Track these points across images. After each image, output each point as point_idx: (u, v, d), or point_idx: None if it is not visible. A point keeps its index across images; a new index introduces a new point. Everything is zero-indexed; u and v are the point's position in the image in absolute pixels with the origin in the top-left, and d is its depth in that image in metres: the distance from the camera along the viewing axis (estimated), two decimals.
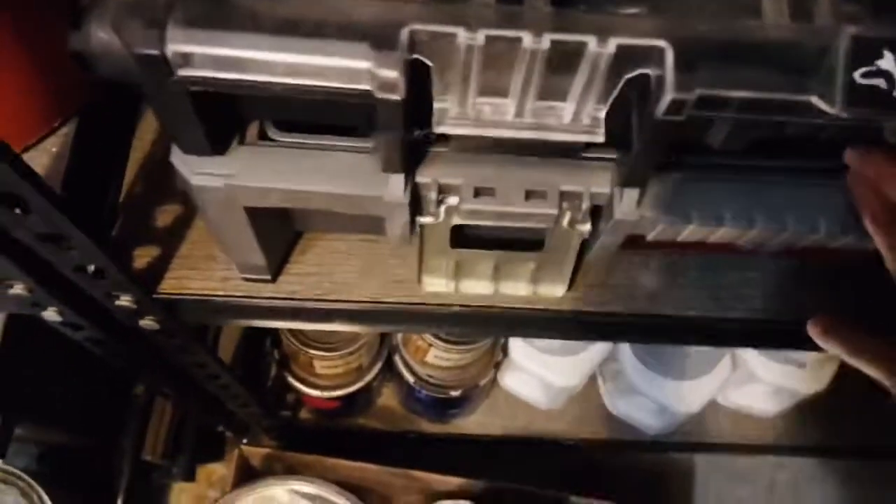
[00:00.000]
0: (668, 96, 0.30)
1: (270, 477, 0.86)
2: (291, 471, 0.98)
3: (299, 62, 0.31)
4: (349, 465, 0.93)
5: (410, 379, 0.92)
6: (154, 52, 0.30)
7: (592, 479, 1.11)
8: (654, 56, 0.31)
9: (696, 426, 1.12)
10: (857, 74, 0.30)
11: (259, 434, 1.05)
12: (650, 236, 0.40)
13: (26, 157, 0.51)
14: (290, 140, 0.39)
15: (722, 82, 0.30)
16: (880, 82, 0.30)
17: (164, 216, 0.52)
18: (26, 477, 0.78)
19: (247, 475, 0.99)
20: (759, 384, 1.02)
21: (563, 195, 0.39)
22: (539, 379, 1.00)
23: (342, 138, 0.39)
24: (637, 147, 0.35)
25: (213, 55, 0.31)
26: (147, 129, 0.55)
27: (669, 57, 0.30)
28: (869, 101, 0.30)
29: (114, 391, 0.95)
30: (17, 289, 0.46)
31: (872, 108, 0.31)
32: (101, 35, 0.31)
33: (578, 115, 0.34)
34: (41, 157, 0.51)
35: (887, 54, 0.30)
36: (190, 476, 1.00)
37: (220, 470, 1.10)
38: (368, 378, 0.91)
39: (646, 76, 0.31)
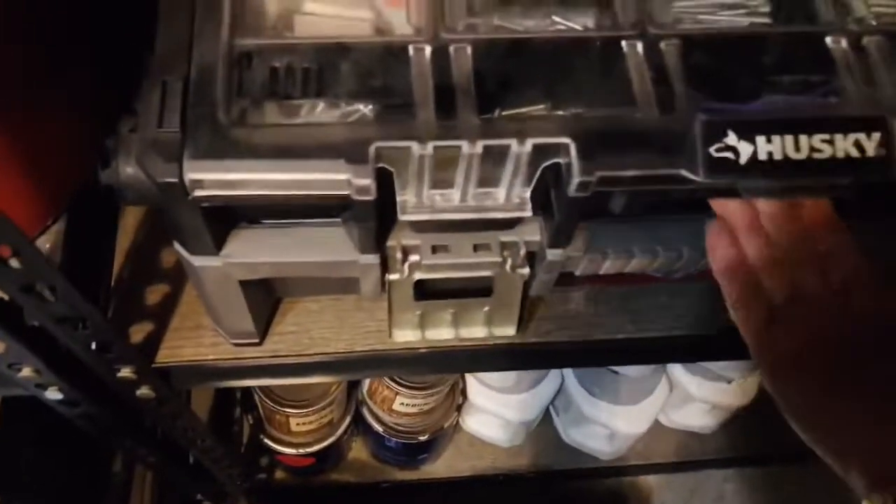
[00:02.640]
0: (576, 180, 0.40)
1: None
2: None
3: (290, 179, 0.39)
4: None
5: (379, 428, 0.99)
6: (174, 180, 0.38)
7: None
8: (562, 149, 0.40)
9: (647, 448, 1.22)
10: (711, 150, 0.40)
11: (238, 500, 1.09)
12: (578, 271, 0.50)
13: None
14: (274, 221, 0.47)
15: (615, 165, 0.40)
16: (729, 154, 0.40)
17: (153, 295, 0.60)
18: None
19: None
20: (694, 403, 1.12)
21: (504, 245, 0.49)
22: (498, 417, 1.08)
23: (317, 219, 0.48)
24: (557, 218, 0.44)
25: (221, 179, 0.39)
26: (128, 219, 0.62)
27: (573, 150, 0.40)
28: (723, 170, 0.40)
29: (93, 471, 0.98)
30: (26, 371, 0.53)
31: (726, 175, 0.40)
32: (128, 170, 0.39)
33: (509, 196, 0.43)
34: None
35: (731, 133, 0.40)
36: None
37: None
38: (339, 432, 0.98)
39: (558, 164, 0.41)
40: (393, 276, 0.49)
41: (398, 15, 0.46)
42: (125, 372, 0.56)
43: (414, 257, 0.48)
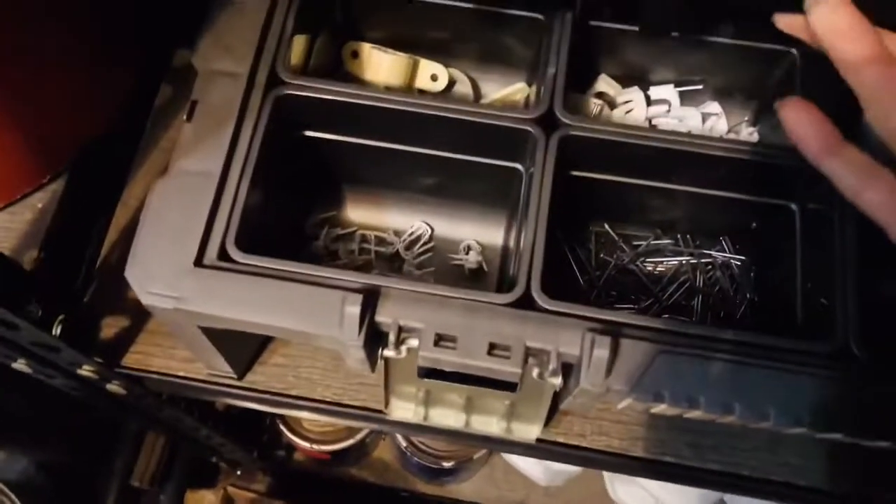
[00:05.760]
0: None
1: None
2: None
3: None
4: None
5: (403, 444, 0.90)
6: None
7: None
8: None
9: None
10: None
11: (252, 469, 1.04)
12: (619, 406, 0.37)
13: (8, 212, 0.51)
14: (249, 263, 0.37)
15: None
16: None
17: None
18: (7, 491, 0.78)
19: None
20: None
21: (529, 350, 0.37)
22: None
23: (304, 266, 0.37)
24: None
25: None
26: (134, 192, 0.54)
27: None
28: None
29: (107, 420, 0.96)
30: None
31: None
32: None
33: None
34: (25, 213, 0.51)
35: None
36: None
37: (210, 497, 1.09)
38: (360, 436, 0.90)
39: None
40: (388, 354, 0.38)
41: None
42: (86, 370, 0.49)
43: (412, 342, 0.37)
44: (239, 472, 1.05)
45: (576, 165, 0.44)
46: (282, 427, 0.90)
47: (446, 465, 0.90)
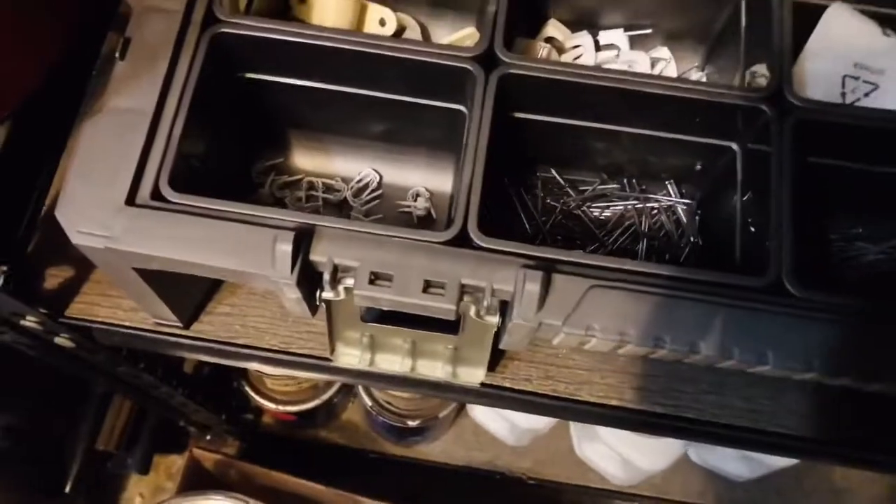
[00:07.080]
0: None
1: (212, 490, 0.85)
2: (244, 478, 0.98)
3: None
4: (299, 482, 0.91)
5: (368, 402, 0.90)
6: None
7: None
8: None
9: (665, 482, 1.09)
10: None
11: (221, 433, 1.04)
12: (554, 342, 0.37)
13: None
14: (183, 203, 0.37)
15: None
16: None
17: None
18: None
19: (199, 476, 0.98)
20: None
21: (465, 287, 0.37)
22: (505, 418, 0.97)
23: (239, 205, 0.37)
24: None
25: None
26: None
27: None
28: None
29: (76, 377, 0.95)
30: None
31: None
32: None
33: None
34: None
35: None
36: (145, 469, 1.00)
37: (179, 462, 1.09)
38: (326, 396, 0.90)
39: None
40: (327, 295, 0.38)
41: None
42: (30, 321, 0.49)
43: (348, 281, 0.37)
44: (209, 437, 1.05)
45: (518, 107, 0.44)
46: (247, 389, 0.90)
47: (411, 423, 0.91)
